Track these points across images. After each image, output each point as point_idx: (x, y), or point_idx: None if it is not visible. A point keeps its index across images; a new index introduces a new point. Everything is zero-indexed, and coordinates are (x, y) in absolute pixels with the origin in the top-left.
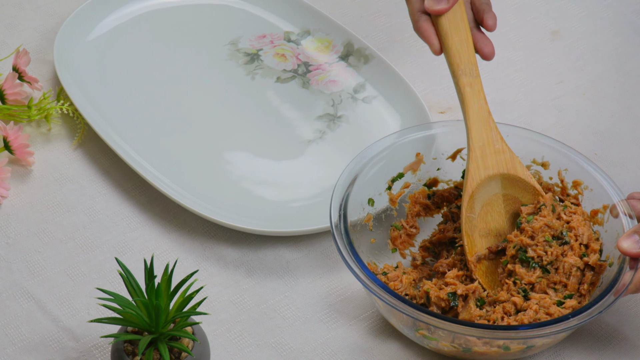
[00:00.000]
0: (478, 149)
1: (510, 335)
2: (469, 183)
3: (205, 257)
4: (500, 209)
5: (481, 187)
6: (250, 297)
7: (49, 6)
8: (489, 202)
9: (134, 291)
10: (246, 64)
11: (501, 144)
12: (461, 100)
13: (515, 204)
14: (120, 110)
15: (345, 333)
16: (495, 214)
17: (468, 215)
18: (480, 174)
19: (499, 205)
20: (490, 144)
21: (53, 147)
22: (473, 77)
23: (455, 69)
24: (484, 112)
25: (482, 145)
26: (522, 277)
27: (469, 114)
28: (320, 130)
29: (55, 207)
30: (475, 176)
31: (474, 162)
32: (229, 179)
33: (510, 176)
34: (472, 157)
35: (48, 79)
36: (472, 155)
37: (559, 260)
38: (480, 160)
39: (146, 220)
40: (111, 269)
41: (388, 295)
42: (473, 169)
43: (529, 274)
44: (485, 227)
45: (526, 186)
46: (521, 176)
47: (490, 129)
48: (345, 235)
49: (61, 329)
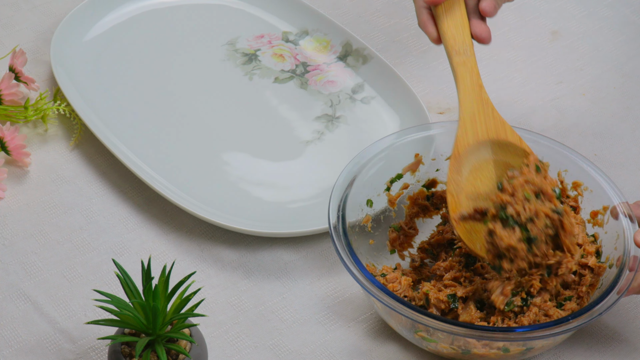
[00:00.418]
0: (468, 118)
1: (509, 337)
2: (456, 146)
3: (202, 259)
4: (490, 174)
5: (469, 152)
6: (248, 299)
7: (46, 6)
8: (478, 166)
9: (131, 293)
10: (244, 64)
11: (492, 112)
12: (455, 77)
13: (506, 170)
14: (117, 110)
15: (344, 335)
16: (486, 178)
17: (454, 177)
18: (469, 138)
19: (490, 170)
20: (480, 113)
21: (50, 148)
22: (467, 56)
23: (450, 49)
24: (476, 86)
25: (472, 114)
26: (502, 239)
27: (461, 88)
28: (319, 131)
29: (52, 208)
30: (462, 140)
31: (462, 128)
32: (226, 179)
33: (500, 141)
34: (461, 125)
35: (45, 79)
36: (461, 123)
37: (539, 216)
38: (470, 127)
39: (143, 221)
40: (108, 270)
41: (387, 297)
42: (461, 134)
43: (508, 235)
44: (473, 190)
45: (517, 150)
46: (512, 140)
47: (482, 101)
48: (343, 237)
49: (58, 330)
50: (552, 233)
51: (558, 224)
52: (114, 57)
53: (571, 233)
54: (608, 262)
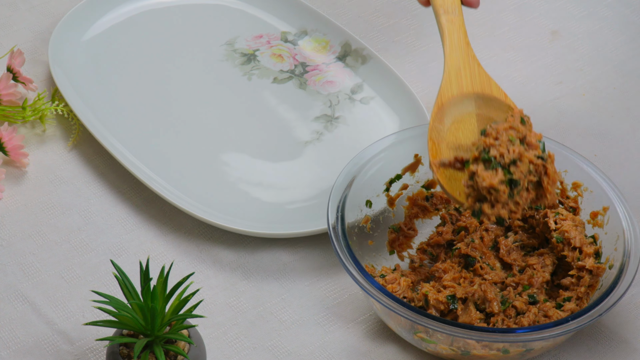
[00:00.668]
0: (453, 71)
1: (509, 338)
2: (440, 96)
3: (201, 260)
4: (472, 127)
5: (453, 103)
6: (247, 300)
7: (44, 6)
8: (461, 119)
9: (130, 294)
10: (243, 64)
11: (478, 68)
12: (441, 34)
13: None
14: (115, 111)
15: (343, 336)
16: (468, 131)
17: (435, 125)
18: (453, 90)
19: (472, 123)
20: (466, 68)
21: (48, 149)
22: (455, 15)
23: (438, 8)
24: (462, 42)
25: (458, 68)
26: (484, 179)
27: (447, 43)
28: (318, 132)
29: (50, 209)
30: (446, 91)
31: (447, 80)
32: (225, 180)
33: (485, 95)
34: (446, 77)
35: (43, 79)
36: (445, 76)
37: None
38: (454, 79)
39: (142, 222)
40: (106, 271)
41: (386, 297)
42: (445, 85)
43: (490, 176)
44: (454, 141)
45: (501, 105)
46: (497, 95)
47: (468, 56)
48: (342, 238)
49: (56, 331)
50: (535, 179)
51: (542, 170)
52: (112, 58)
53: (554, 181)
54: (608, 263)
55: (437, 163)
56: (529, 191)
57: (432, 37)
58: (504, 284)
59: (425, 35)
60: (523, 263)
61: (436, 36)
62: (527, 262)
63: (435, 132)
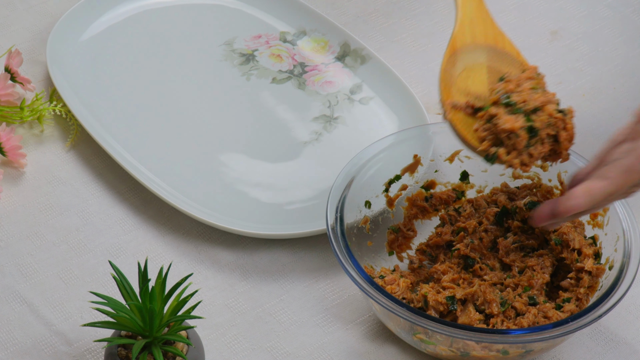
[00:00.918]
0: (467, 21)
1: (508, 339)
2: (453, 40)
3: (199, 260)
4: (482, 77)
5: (465, 51)
6: (246, 301)
7: (42, 6)
8: (472, 67)
9: (128, 295)
10: (241, 64)
11: (491, 22)
12: None
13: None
14: (113, 111)
15: (342, 337)
16: (477, 81)
17: (447, 68)
18: (466, 38)
19: (482, 74)
20: (480, 20)
21: (46, 149)
22: None
23: None
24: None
25: (472, 19)
26: (506, 122)
27: None
28: (317, 132)
29: (48, 210)
30: (460, 37)
31: (460, 28)
32: (223, 181)
33: (497, 49)
34: (459, 25)
35: (40, 79)
36: (459, 24)
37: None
38: (468, 29)
39: (140, 222)
40: (104, 272)
41: (385, 298)
42: (458, 31)
43: (512, 120)
44: (464, 87)
45: (513, 62)
46: (509, 50)
47: (482, 10)
48: (341, 238)
49: (54, 333)
50: (553, 133)
51: (560, 125)
52: (111, 58)
53: (571, 137)
54: (608, 264)
55: (450, 103)
56: (544, 144)
57: (431, 37)
58: (503, 285)
59: (425, 36)
60: (522, 264)
61: (436, 36)
62: (527, 263)
63: (446, 75)
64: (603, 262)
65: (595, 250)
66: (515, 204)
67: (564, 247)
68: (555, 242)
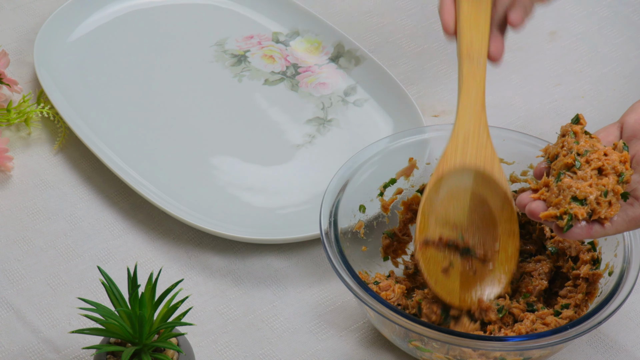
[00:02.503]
0: (462, 136)
1: (506, 346)
2: (442, 163)
3: (190, 266)
4: (464, 204)
5: (453, 173)
6: (237, 307)
7: (29, 6)
8: (455, 192)
9: (117, 301)
10: (233, 65)
11: (486, 140)
12: (459, 85)
13: (482, 206)
14: (102, 113)
15: (336, 344)
16: (459, 207)
17: (431, 196)
18: (457, 159)
19: (465, 200)
20: (475, 136)
21: (33, 152)
22: (479, 66)
23: (464, 52)
24: (478, 105)
25: (466, 134)
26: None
27: (462, 101)
28: (310, 135)
29: (36, 214)
30: (450, 158)
31: (453, 145)
32: (215, 184)
33: (485, 175)
34: (453, 141)
35: (28, 81)
36: (452, 140)
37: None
38: (461, 146)
39: (129, 227)
40: (93, 278)
41: (380, 305)
42: (450, 151)
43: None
44: (444, 214)
45: (498, 190)
46: (496, 178)
47: (480, 122)
48: (335, 243)
49: (41, 340)
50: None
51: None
52: (99, 59)
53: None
54: (607, 270)
55: (422, 241)
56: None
57: (427, 38)
58: None
59: (420, 36)
60: (520, 270)
61: (432, 37)
62: (524, 269)
63: (428, 204)
64: (602, 267)
65: (594, 256)
66: None
67: (560, 255)
68: (552, 251)
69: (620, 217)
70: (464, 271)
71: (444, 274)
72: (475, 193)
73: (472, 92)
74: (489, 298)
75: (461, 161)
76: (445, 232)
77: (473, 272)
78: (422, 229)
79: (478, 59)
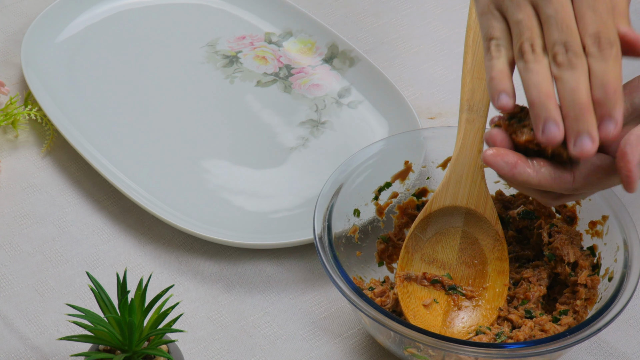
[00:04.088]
0: (454, 180)
1: (504, 353)
2: (431, 202)
3: (181, 271)
4: (454, 243)
5: (442, 214)
6: (229, 314)
7: (16, 6)
8: (445, 232)
9: (106, 307)
10: (224, 66)
11: (480, 181)
12: (458, 130)
13: (472, 245)
14: (91, 116)
15: (330, 351)
16: (448, 247)
17: (416, 234)
18: (446, 200)
19: (455, 239)
20: (468, 179)
21: (20, 155)
22: (479, 114)
23: (463, 102)
24: (476, 149)
25: (460, 178)
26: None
27: (460, 145)
28: (303, 137)
29: (23, 218)
30: (439, 199)
31: (444, 187)
32: (206, 188)
33: (477, 214)
34: (444, 183)
35: (15, 82)
36: (444, 181)
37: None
38: (452, 188)
39: (119, 232)
40: (82, 283)
41: (375, 311)
42: (440, 192)
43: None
44: (431, 254)
45: (489, 230)
46: (488, 217)
47: (475, 166)
48: (329, 248)
49: (29, 347)
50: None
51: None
52: (88, 60)
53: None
54: (607, 275)
55: (403, 276)
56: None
57: (423, 39)
58: None
59: (416, 37)
60: (518, 275)
61: (428, 38)
62: (522, 275)
63: (412, 241)
64: (602, 273)
65: (593, 262)
66: (510, 213)
67: (558, 261)
68: (549, 257)
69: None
70: (448, 308)
71: (425, 308)
72: (466, 233)
73: (468, 138)
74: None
75: (451, 201)
76: (431, 270)
77: (458, 308)
78: (403, 265)
79: (479, 108)
